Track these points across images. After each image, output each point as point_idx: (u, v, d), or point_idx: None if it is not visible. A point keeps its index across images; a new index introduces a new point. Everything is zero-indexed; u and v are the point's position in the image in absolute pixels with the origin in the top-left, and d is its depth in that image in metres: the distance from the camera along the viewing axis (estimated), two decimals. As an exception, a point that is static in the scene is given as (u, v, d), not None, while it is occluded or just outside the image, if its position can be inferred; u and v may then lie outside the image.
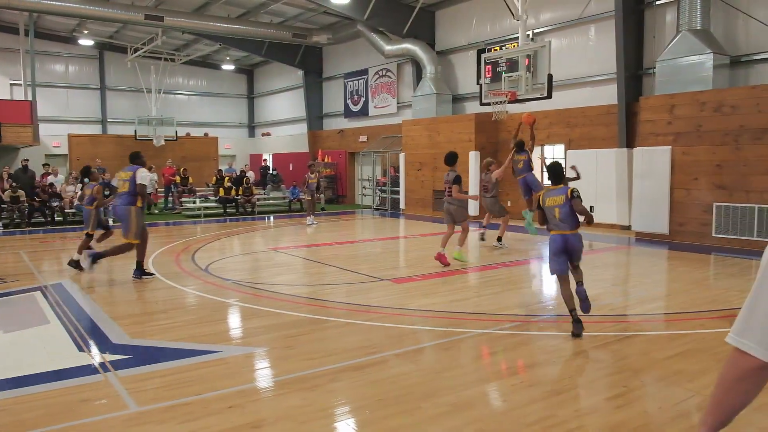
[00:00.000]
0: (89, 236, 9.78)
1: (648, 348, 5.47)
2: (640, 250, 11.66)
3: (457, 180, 9.50)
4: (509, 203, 17.30)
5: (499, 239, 11.59)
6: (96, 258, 8.83)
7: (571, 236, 5.91)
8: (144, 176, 8.76)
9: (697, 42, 12.10)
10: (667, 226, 12.40)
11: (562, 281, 6.00)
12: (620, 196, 13.99)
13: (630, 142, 13.99)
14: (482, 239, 12.10)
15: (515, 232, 14.10)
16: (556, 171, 6.10)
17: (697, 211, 11.98)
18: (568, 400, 4.29)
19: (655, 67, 13.18)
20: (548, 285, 8.96)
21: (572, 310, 5.83)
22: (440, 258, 9.59)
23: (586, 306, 5.95)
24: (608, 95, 14.75)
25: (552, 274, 6.14)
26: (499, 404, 4.30)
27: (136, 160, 8.95)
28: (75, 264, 9.40)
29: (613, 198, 14.21)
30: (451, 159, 9.70)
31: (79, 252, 9.47)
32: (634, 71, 14.11)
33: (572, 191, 5.83)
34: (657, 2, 13.79)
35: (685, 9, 12.31)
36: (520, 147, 11.54)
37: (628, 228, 13.86)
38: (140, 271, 8.94)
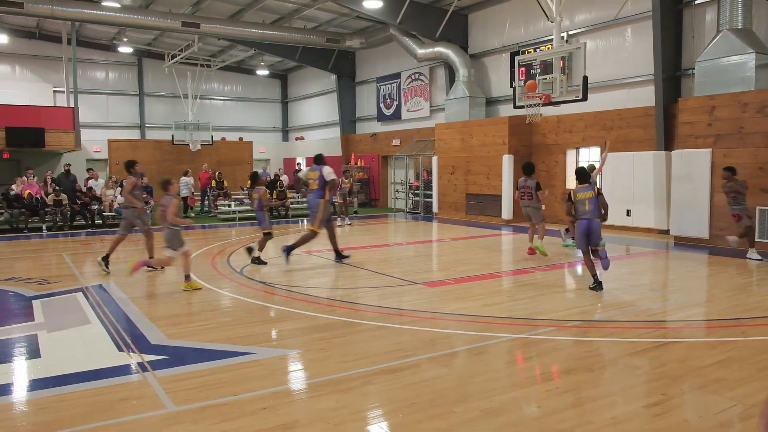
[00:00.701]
0: (268, 235, 10.80)
1: (687, 355, 5.34)
2: (679, 254, 11.38)
3: (538, 187, 11.40)
4: (543, 207, 17.10)
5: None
6: (290, 250, 10.17)
7: (593, 221, 8.00)
8: (329, 172, 10.06)
9: (739, 41, 11.77)
10: (707, 231, 12.09)
11: (585, 254, 8.13)
12: (658, 200, 13.70)
13: (668, 145, 13.69)
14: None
15: (551, 236, 13.92)
16: (582, 173, 8.45)
17: (738, 215, 11.64)
18: (604, 407, 4.21)
19: (694, 68, 12.88)
20: (583, 291, 8.82)
21: (594, 275, 8.03)
22: (530, 251, 11.35)
23: (606, 263, 8.02)
24: (645, 97, 14.47)
25: (578, 248, 8.36)
26: (533, 410, 4.25)
27: (320, 160, 10.43)
28: (258, 260, 10.48)
29: (651, 201, 13.93)
30: (531, 169, 11.59)
31: (260, 249, 10.64)
32: (672, 72, 13.81)
33: (599, 189, 8.16)
34: (696, 1, 13.48)
35: (726, 8, 12.00)
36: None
37: (666, 232, 13.55)
38: (340, 257, 10.66)
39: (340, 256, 10.74)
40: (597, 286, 7.97)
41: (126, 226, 10.25)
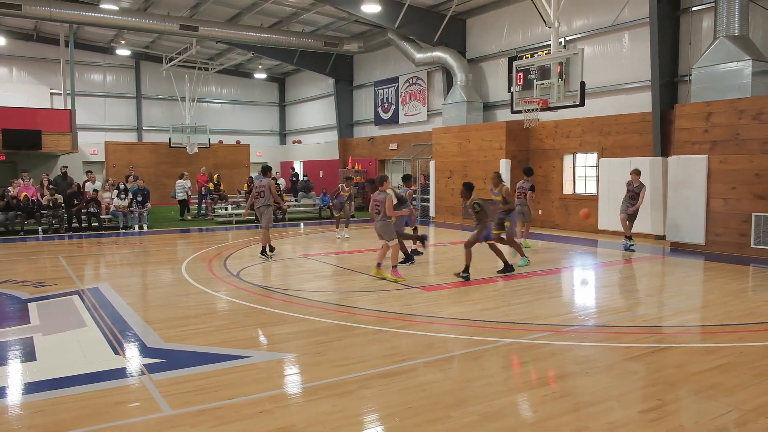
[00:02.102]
0: (416, 230, 12.16)
1: (683, 360, 5.35)
2: (675, 260, 11.42)
3: (532, 189, 12.40)
4: (540, 212, 17.16)
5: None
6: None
7: None
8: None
9: (735, 48, 11.84)
10: (704, 237, 12.12)
11: None
12: (654, 205, 13.73)
13: (665, 151, 13.74)
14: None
15: (548, 241, 13.95)
16: None
17: (735, 221, 11.69)
18: (600, 412, 4.22)
19: (691, 75, 12.94)
20: (580, 295, 8.84)
21: None
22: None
23: None
24: (642, 103, 14.52)
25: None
26: (530, 415, 4.25)
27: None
28: (408, 257, 10.98)
29: (647, 207, 13.95)
30: (531, 171, 12.76)
31: (417, 242, 11.50)
32: (669, 78, 13.87)
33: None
34: (693, 8, 13.55)
35: (723, 15, 12.06)
36: None
37: (662, 238, 13.59)
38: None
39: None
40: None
41: (268, 220, 11.63)
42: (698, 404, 4.40)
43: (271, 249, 11.89)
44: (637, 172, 12.13)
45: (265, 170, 11.91)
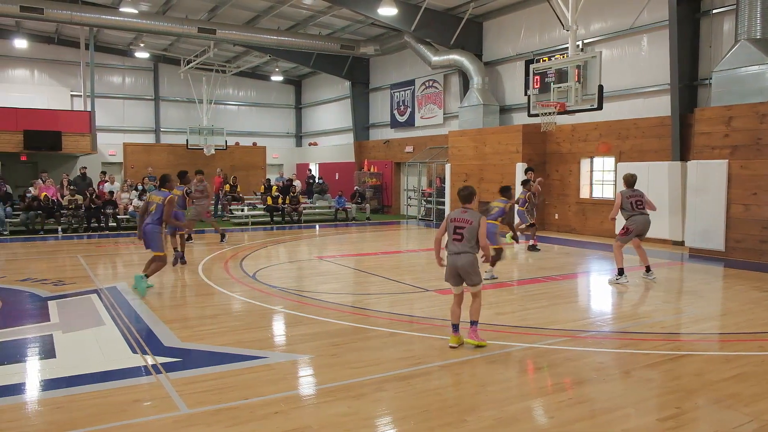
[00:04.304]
0: (533, 225, 12.78)
1: (702, 369, 5.28)
2: (694, 266, 11.28)
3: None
4: (556, 216, 17.06)
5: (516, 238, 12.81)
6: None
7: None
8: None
9: (757, 51, 11.67)
10: (723, 243, 11.96)
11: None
12: (673, 211, 13.58)
13: (684, 155, 13.59)
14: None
15: (564, 246, 13.87)
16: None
17: (755, 227, 11.52)
18: (617, 419, 4.18)
19: (711, 78, 12.79)
20: (596, 300, 8.77)
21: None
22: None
23: None
24: (661, 106, 14.38)
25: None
26: (545, 421, 4.22)
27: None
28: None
29: (666, 212, 13.80)
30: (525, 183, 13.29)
31: (532, 237, 12.49)
32: (688, 82, 13.72)
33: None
34: (714, 11, 13.39)
35: (744, 17, 11.90)
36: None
37: (681, 243, 13.43)
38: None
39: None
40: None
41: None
42: (717, 413, 4.34)
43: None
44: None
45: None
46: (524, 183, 13.24)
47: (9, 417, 4.18)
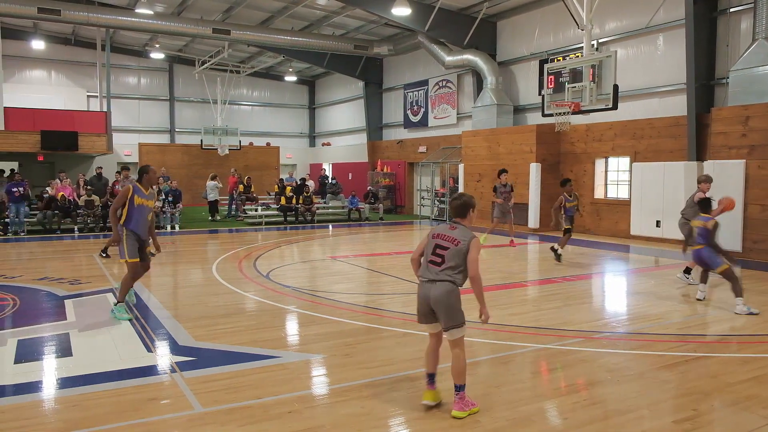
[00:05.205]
0: (569, 231, 11.36)
1: (718, 370, 5.22)
2: (710, 267, 11.13)
3: (495, 189, 13.64)
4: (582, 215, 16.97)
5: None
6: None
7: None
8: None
9: (775, 50, 11.54)
10: (740, 244, 11.82)
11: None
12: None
13: (700, 155, 13.45)
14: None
15: (579, 246, 13.78)
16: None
17: (773, 227, 11.38)
18: (632, 421, 4.15)
19: (728, 77, 12.65)
20: (611, 301, 8.70)
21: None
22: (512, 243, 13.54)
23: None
24: (677, 106, 14.24)
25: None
26: (559, 422, 4.20)
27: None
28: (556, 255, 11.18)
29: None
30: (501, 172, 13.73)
31: (562, 246, 11.28)
32: (705, 81, 13.57)
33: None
34: (731, 9, 13.24)
35: (762, 16, 11.77)
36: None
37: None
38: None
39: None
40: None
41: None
42: (734, 416, 4.29)
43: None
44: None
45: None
46: (563, 183, 11.43)
47: (27, 414, 4.24)
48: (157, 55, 27.39)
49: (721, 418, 4.29)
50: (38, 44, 25.02)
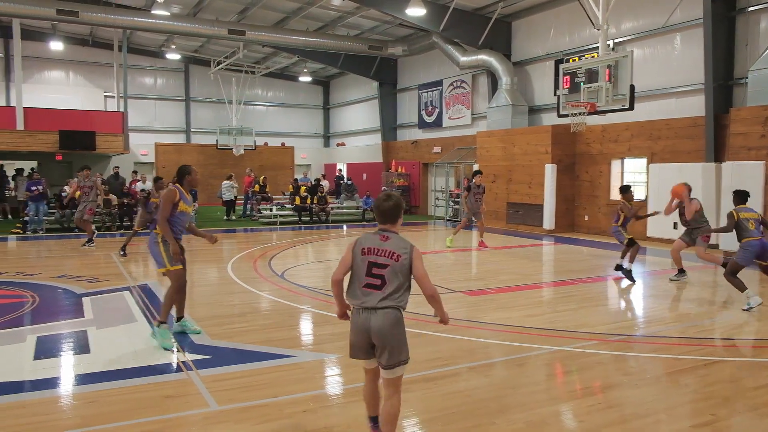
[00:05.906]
0: (633, 242, 9.82)
1: (738, 375, 5.16)
2: (729, 269, 10.99)
3: (468, 188, 14.14)
4: (587, 218, 16.84)
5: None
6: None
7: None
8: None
9: (796, 50, 11.38)
10: (759, 246, 11.64)
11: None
12: (707, 213, 13.25)
13: (718, 156, 13.29)
14: None
15: (595, 248, 13.69)
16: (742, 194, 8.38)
17: (793, 230, 11.20)
18: (649, 425, 4.10)
19: (747, 77, 12.48)
20: (627, 303, 8.63)
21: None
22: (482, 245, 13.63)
23: None
24: (695, 106, 14.08)
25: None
26: (575, 425, 4.17)
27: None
28: (625, 272, 9.56)
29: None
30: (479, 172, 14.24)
31: (631, 261, 9.76)
32: (723, 81, 13.40)
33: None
34: (750, 8, 13.07)
35: (782, 15, 11.61)
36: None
37: (715, 247, 13.13)
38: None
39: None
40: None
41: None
42: (754, 421, 4.23)
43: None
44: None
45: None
46: (623, 190, 10.17)
47: (46, 410, 4.29)
48: (173, 56, 27.60)
49: (740, 423, 4.23)
50: (56, 45, 25.31)
